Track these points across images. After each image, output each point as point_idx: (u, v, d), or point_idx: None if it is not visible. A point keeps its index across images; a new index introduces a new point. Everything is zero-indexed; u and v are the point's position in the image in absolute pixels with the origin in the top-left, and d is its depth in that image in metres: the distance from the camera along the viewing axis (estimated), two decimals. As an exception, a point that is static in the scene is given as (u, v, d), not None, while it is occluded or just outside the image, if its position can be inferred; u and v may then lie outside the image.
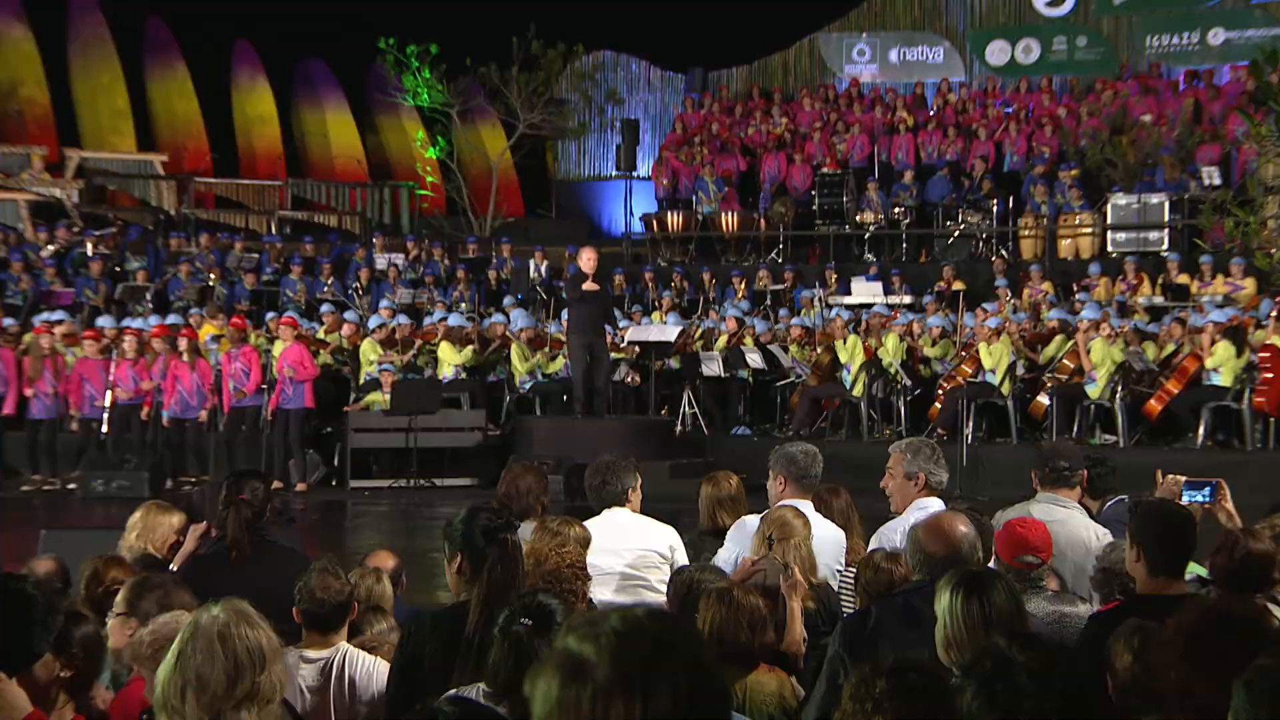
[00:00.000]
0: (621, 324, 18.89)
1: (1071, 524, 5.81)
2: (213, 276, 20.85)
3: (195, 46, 27.88)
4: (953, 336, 17.38)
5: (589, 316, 15.27)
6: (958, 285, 19.96)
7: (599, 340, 15.44)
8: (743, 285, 21.78)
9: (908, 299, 20.20)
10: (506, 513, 4.90)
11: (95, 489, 15.03)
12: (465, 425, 16.54)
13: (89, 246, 21.24)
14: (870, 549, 5.55)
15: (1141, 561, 4.46)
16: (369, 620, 5.21)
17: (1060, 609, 4.91)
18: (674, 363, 18.28)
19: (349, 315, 18.44)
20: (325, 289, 20.78)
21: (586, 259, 15.28)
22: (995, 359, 15.85)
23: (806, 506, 5.83)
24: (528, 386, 17.46)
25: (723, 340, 18.48)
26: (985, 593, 3.79)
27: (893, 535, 5.68)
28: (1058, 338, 16.72)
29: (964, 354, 16.56)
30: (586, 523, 5.57)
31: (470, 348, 17.46)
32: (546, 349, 17.88)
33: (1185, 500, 5.61)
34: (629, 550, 5.90)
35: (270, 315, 18.56)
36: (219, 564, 5.54)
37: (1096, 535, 5.78)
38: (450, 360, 17.17)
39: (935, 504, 5.64)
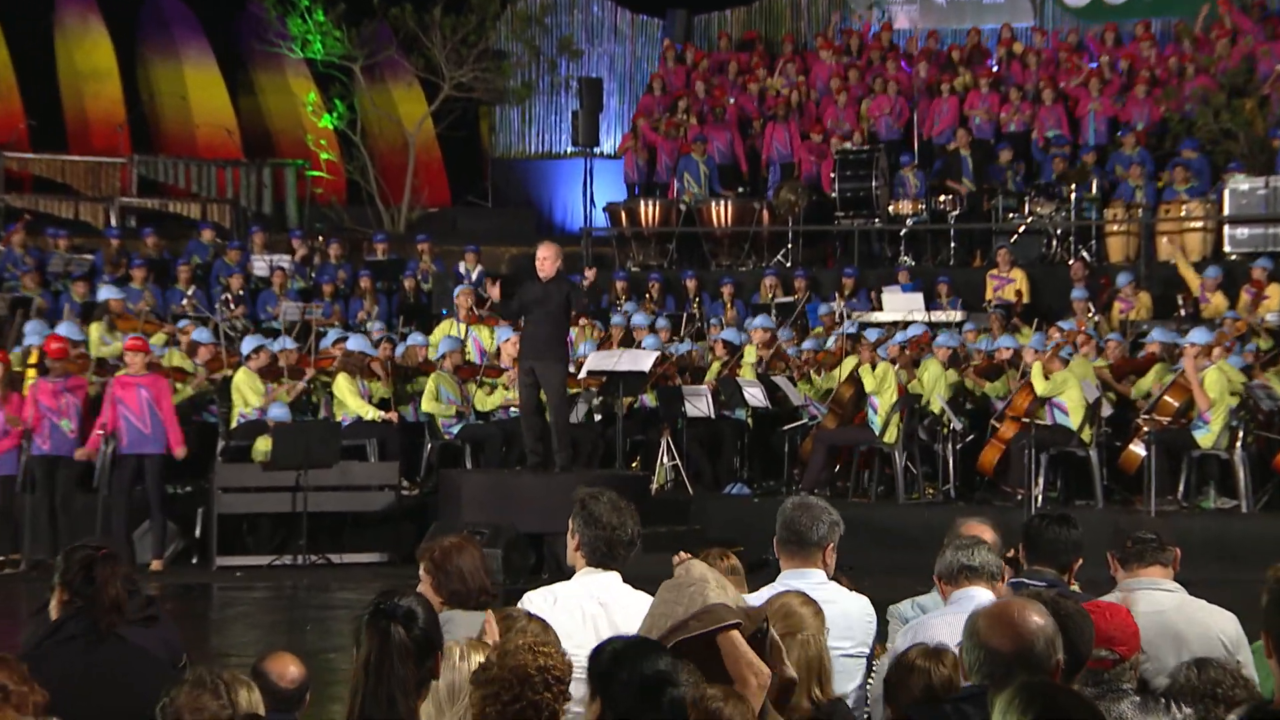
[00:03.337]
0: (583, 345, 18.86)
1: (1188, 609, 5.80)
2: (28, 284, 20.71)
3: (6, -22, 27.79)
4: (1015, 364, 17.32)
5: (535, 333, 15.26)
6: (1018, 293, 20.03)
7: (548, 366, 15.30)
8: (730, 295, 21.81)
9: (957, 315, 20.28)
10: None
11: None
12: (372, 483, 16.56)
13: None
14: (908, 645, 5.52)
15: (1275, 657, 4.42)
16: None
17: None
18: (649, 399, 18.30)
19: (202, 335, 18.20)
20: (184, 301, 20.70)
21: (543, 258, 15.21)
22: (1056, 386, 15.77)
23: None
24: (455, 431, 17.44)
25: (713, 370, 18.51)
26: None
27: (925, 631, 5.63)
28: (1156, 367, 16.79)
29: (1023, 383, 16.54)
30: (546, 588, 5.61)
31: (377, 398, 17.24)
32: (478, 381, 17.86)
33: None
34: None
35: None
36: (68, 648, 5.49)
37: (1222, 624, 5.77)
38: (353, 404, 17.07)
39: (979, 595, 5.64)
